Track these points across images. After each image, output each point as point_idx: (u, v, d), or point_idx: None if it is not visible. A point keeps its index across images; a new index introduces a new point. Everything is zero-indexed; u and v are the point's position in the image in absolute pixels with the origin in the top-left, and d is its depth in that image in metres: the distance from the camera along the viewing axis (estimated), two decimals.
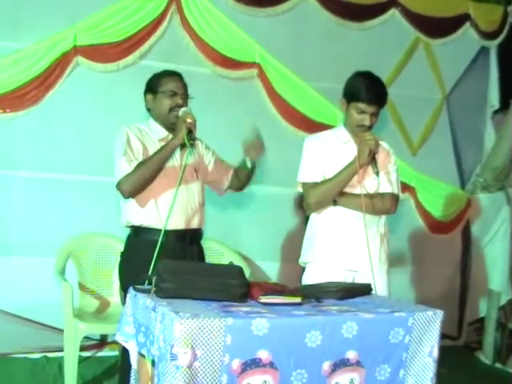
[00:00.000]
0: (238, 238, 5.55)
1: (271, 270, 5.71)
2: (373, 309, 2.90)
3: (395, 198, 3.87)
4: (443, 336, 3.02)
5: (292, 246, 4.96)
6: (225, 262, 5.14)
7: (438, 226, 6.37)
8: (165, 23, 5.32)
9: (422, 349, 2.87)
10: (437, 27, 6.22)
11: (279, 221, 5.73)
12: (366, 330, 2.73)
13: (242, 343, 2.52)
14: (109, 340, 5.23)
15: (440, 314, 2.91)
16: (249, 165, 3.88)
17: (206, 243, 5.00)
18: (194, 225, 3.79)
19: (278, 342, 2.57)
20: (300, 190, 3.94)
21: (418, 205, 6.27)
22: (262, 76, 5.60)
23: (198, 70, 5.35)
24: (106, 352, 5.30)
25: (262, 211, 5.65)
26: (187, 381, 2.43)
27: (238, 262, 5.06)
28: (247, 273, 4.85)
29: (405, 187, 5.87)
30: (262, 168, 4.00)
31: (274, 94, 5.64)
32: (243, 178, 4.01)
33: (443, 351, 2.95)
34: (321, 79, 5.69)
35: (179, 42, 5.40)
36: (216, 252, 5.20)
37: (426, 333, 2.87)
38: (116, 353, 4.98)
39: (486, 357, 6.25)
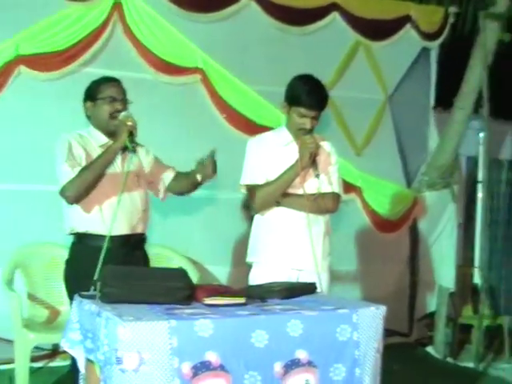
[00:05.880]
0: (187, 243, 5.53)
1: (222, 274, 5.72)
2: (316, 307, 2.93)
3: (336, 198, 3.92)
4: (395, 333, 3.05)
5: (242, 250, 4.96)
6: (174, 267, 5.14)
7: (385, 225, 6.43)
8: (107, 31, 5.29)
9: (372, 345, 2.89)
10: (378, 29, 6.28)
11: (228, 225, 5.74)
12: (312, 328, 2.75)
13: (188, 345, 2.53)
14: (60, 350, 5.18)
15: (383, 309, 2.94)
16: (199, 178, 3.85)
17: (154, 249, 5.00)
18: (138, 230, 3.80)
19: (224, 342, 2.59)
20: (243, 191, 3.99)
21: (365, 205, 6.32)
22: (206, 81, 5.60)
23: (141, 76, 5.35)
24: (58, 362, 5.26)
25: (211, 215, 5.67)
26: None
27: (187, 266, 5.06)
28: (196, 277, 4.86)
29: (350, 187, 5.93)
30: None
31: (218, 99, 5.65)
32: (187, 185, 3.98)
33: (395, 348, 2.99)
34: (264, 83, 5.71)
35: (122, 49, 5.38)
36: (165, 257, 5.20)
37: (373, 329, 2.90)
38: (68, 362, 4.93)
39: (437, 352, 6.33)
